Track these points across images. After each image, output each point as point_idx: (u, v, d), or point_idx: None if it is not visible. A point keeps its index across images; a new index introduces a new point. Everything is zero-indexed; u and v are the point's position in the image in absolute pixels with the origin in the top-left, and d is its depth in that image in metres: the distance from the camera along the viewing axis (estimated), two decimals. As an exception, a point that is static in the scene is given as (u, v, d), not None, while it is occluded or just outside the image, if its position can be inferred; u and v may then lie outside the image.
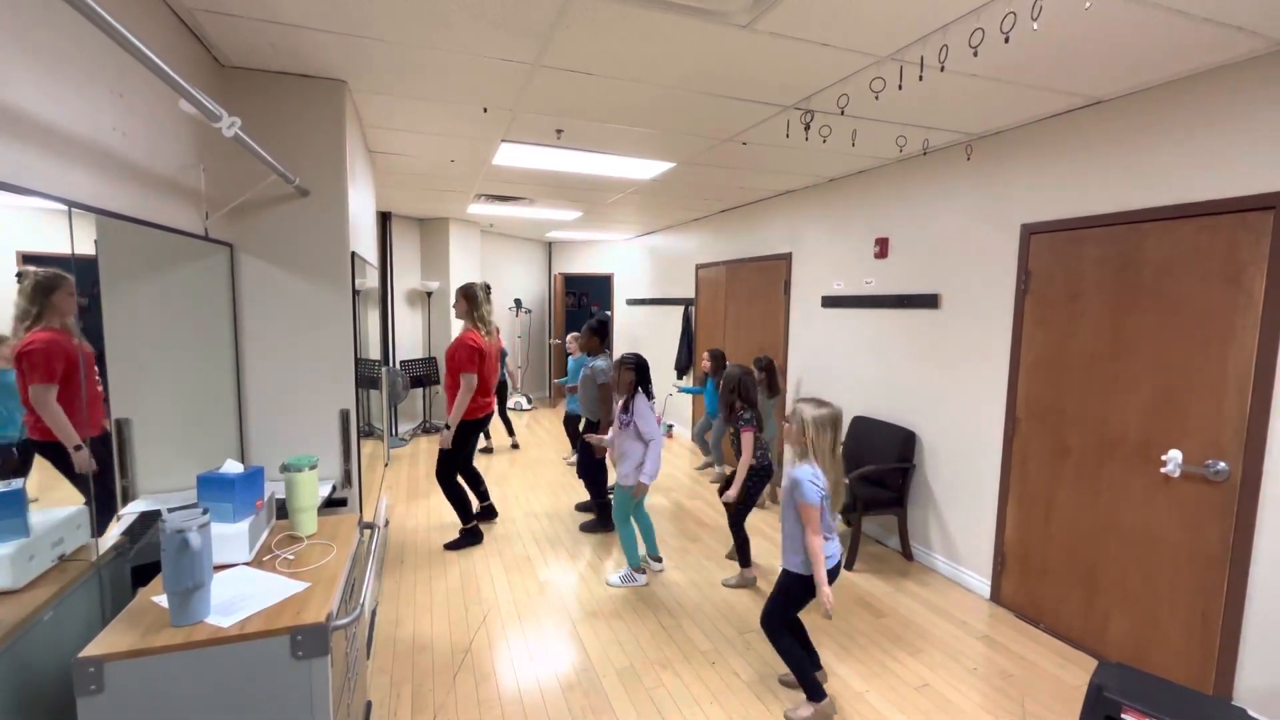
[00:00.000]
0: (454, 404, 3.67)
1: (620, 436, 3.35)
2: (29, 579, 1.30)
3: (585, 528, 4.17)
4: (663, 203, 5.60)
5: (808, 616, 2.48)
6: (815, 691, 2.32)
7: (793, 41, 2.12)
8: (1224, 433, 2.30)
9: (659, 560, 3.59)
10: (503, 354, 6.64)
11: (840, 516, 3.61)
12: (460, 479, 3.93)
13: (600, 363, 4.03)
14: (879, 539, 4.06)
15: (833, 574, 2.26)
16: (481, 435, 6.29)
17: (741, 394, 3.35)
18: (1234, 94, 2.25)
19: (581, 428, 4.39)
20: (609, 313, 8.55)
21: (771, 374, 4.59)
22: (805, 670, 2.33)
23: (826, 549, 2.22)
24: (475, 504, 4.11)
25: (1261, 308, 2.18)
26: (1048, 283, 2.93)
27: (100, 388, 1.64)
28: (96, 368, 1.62)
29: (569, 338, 5.82)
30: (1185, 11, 1.87)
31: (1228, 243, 2.28)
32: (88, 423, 1.55)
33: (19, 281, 1.32)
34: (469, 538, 3.88)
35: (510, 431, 6.45)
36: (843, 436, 2.32)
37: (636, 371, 3.34)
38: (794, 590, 2.31)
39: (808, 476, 2.19)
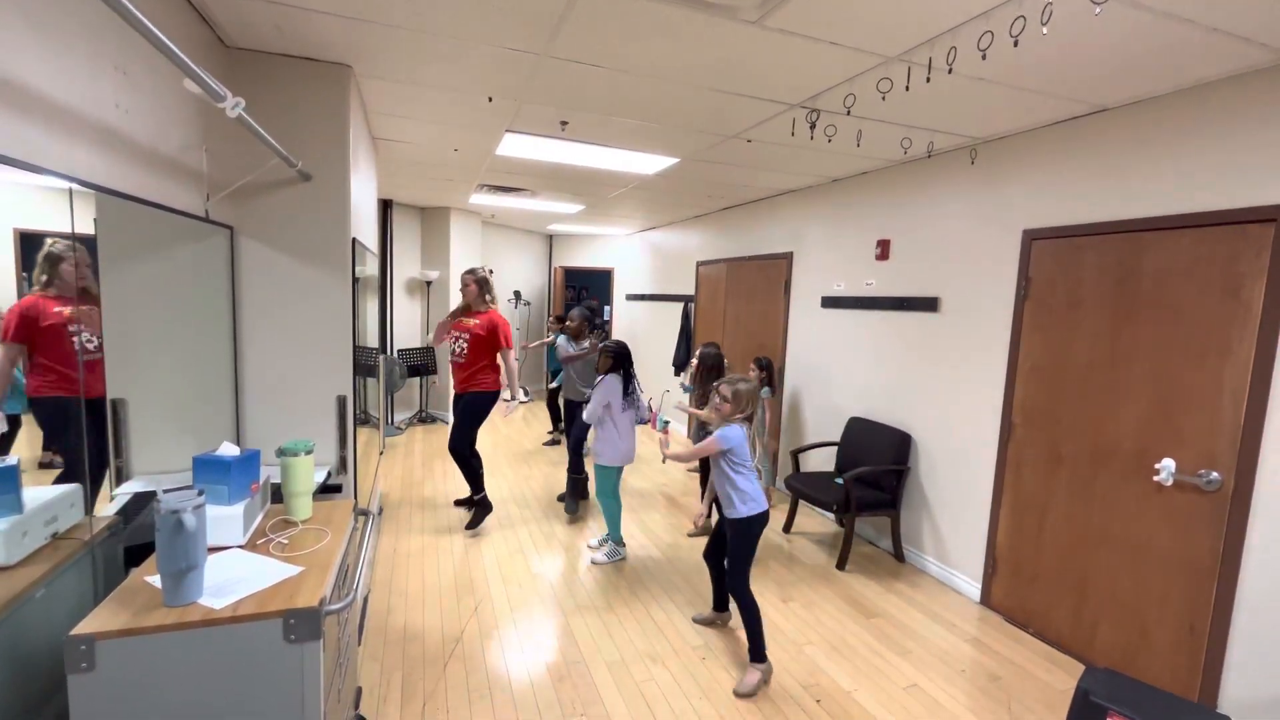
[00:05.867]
0: (510, 374, 4.04)
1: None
2: (22, 556, 1.30)
3: (562, 499, 4.51)
4: (665, 198, 5.59)
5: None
6: (762, 652, 2.52)
7: (801, 39, 2.12)
8: (1218, 443, 2.31)
9: (621, 544, 3.72)
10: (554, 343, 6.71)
11: (833, 515, 3.57)
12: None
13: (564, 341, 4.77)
14: (871, 540, 4.07)
15: (763, 518, 2.57)
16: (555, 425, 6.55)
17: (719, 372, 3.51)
18: (1238, 106, 2.25)
19: (563, 407, 4.84)
20: (596, 302, 8.53)
21: (771, 374, 4.59)
22: (761, 630, 2.53)
23: (756, 494, 2.56)
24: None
25: (1259, 320, 2.19)
26: (1048, 289, 2.94)
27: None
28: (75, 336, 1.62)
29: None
30: (1194, 20, 1.87)
31: (1228, 254, 2.28)
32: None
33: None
34: (483, 507, 4.09)
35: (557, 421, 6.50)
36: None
37: (616, 359, 3.60)
38: (755, 530, 2.56)
39: (737, 434, 2.56)
